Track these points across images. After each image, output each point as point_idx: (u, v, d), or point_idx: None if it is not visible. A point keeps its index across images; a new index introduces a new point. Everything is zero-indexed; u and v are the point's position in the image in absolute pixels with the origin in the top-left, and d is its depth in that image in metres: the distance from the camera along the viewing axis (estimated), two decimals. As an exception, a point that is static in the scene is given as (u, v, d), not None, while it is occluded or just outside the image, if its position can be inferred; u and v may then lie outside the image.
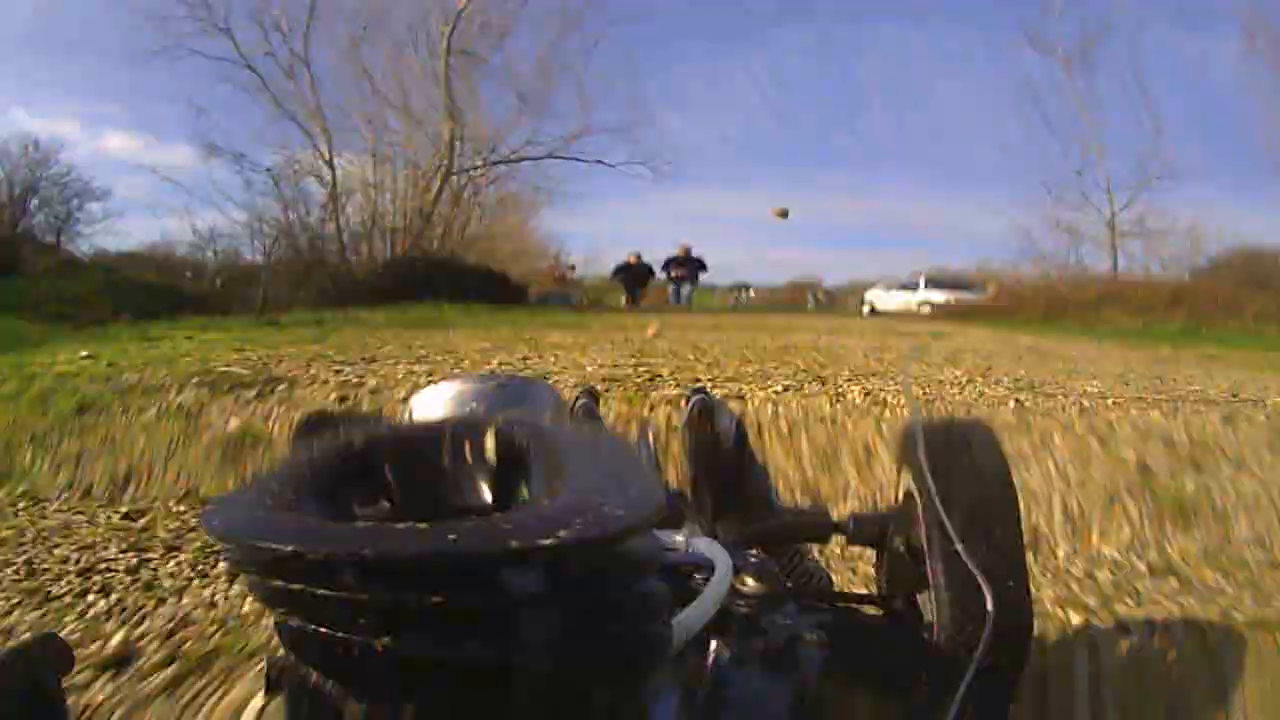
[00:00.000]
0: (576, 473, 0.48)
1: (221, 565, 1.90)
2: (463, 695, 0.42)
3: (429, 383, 1.21)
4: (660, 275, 16.32)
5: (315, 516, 0.47)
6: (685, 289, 16.10)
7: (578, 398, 1.26)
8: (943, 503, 0.74)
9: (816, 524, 0.96)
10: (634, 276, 16.20)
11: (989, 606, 0.67)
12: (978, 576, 0.69)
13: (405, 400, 0.95)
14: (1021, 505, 0.80)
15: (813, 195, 50.80)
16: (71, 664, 0.58)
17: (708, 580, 0.62)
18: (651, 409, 2.88)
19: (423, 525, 0.42)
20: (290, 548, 0.40)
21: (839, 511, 0.97)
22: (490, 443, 0.54)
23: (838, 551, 1.84)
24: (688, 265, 15.99)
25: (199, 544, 2.10)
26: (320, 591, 0.41)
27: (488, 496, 0.53)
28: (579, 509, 0.43)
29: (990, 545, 0.73)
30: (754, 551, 0.82)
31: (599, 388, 2.75)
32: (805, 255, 58.52)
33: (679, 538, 0.72)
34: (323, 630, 0.42)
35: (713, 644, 0.63)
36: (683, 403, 1.12)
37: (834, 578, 1.13)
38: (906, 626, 0.80)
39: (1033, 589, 0.86)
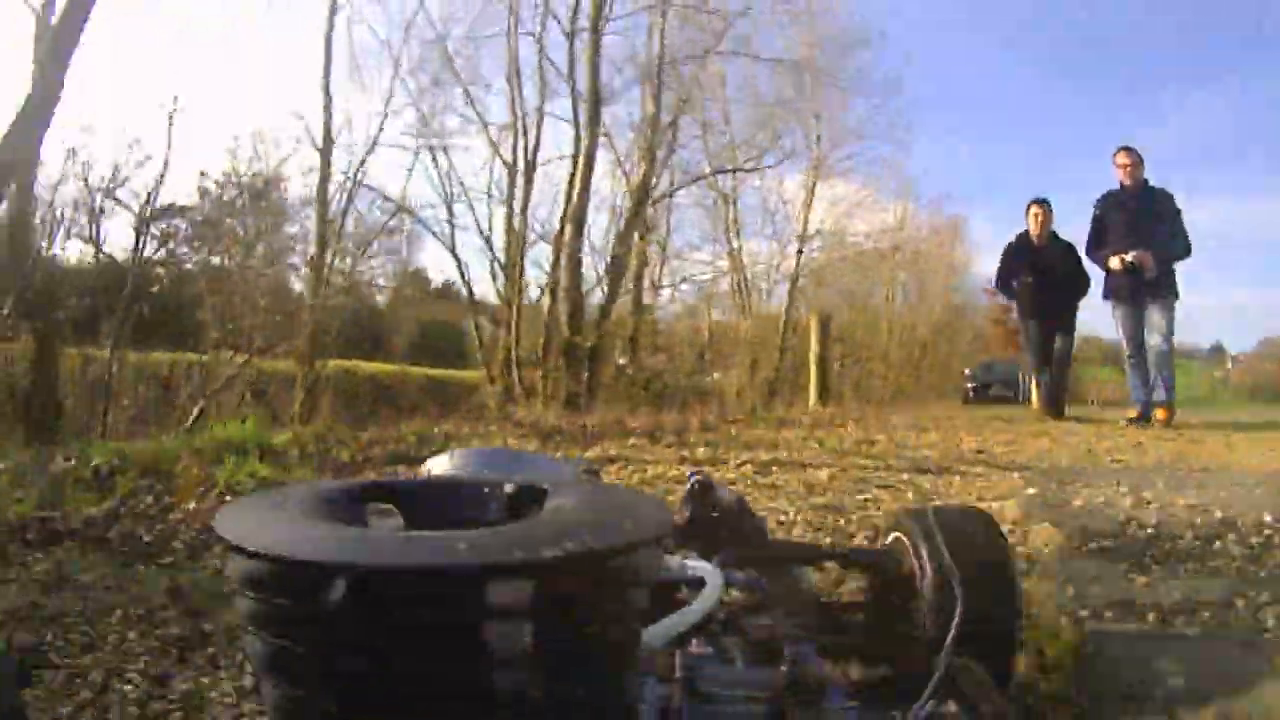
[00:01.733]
0: (587, 497, 0.53)
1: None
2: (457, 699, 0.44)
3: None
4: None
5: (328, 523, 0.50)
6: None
7: (582, 470, 1.34)
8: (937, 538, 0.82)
9: (809, 552, 1.04)
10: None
11: (958, 605, 0.73)
12: (952, 580, 0.76)
13: (422, 464, 1.01)
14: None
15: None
16: (29, 682, 0.62)
17: (699, 593, 0.69)
18: None
19: (433, 533, 0.46)
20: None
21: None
22: (509, 487, 0.58)
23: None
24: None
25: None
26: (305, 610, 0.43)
27: (499, 515, 0.57)
28: (590, 522, 0.46)
29: (975, 566, 0.80)
30: (744, 571, 0.89)
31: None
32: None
33: (675, 560, 0.79)
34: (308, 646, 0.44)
35: (693, 643, 0.69)
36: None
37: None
38: (890, 631, 0.85)
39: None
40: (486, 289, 15.72)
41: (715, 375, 16.41)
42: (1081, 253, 6.22)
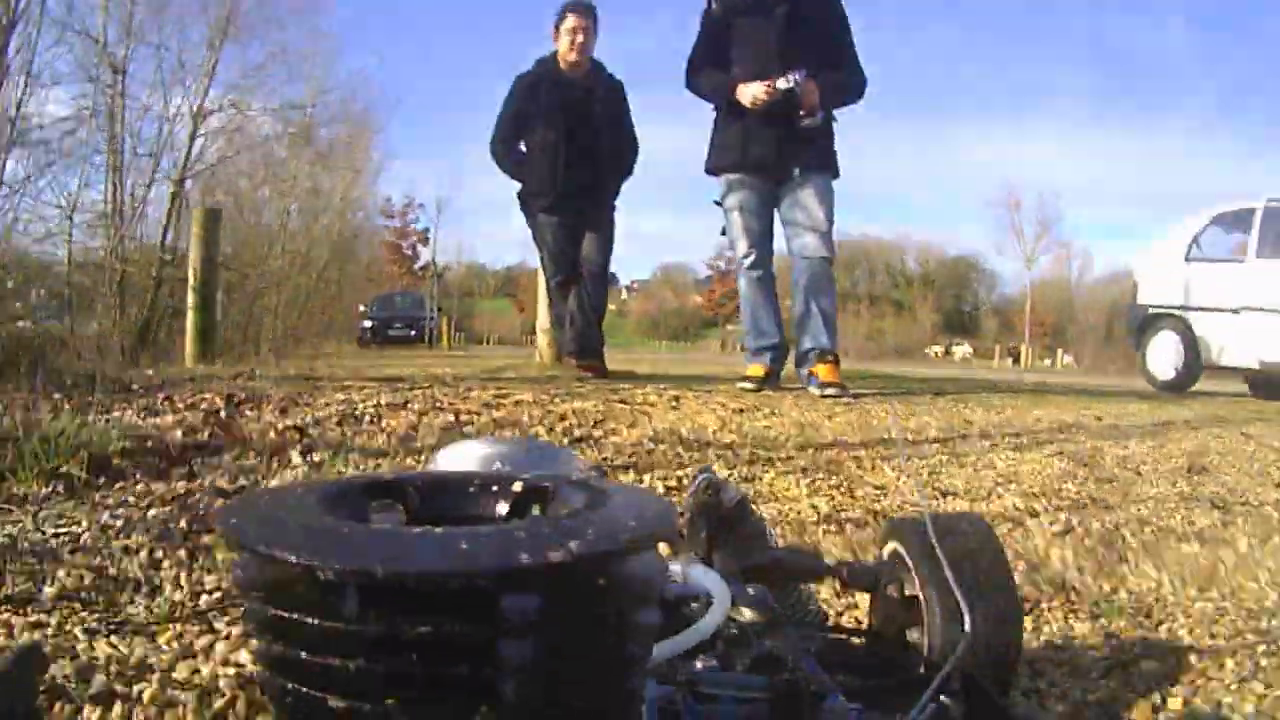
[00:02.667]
0: (596, 494, 0.52)
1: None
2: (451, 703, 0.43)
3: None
4: None
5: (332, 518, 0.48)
6: None
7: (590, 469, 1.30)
8: (938, 550, 0.81)
9: (811, 566, 1.01)
10: None
11: (966, 622, 0.73)
12: (957, 595, 0.76)
13: (431, 454, 0.95)
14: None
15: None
16: (47, 670, 0.60)
17: (705, 608, 0.67)
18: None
19: (436, 529, 0.44)
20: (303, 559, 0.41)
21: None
22: (517, 484, 0.56)
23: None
24: None
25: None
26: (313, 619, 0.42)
27: (504, 512, 0.56)
28: (595, 519, 0.46)
29: (977, 581, 0.81)
30: (752, 586, 0.87)
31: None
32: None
33: (676, 566, 0.76)
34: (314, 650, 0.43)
35: (699, 658, 0.68)
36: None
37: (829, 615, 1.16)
38: (892, 651, 0.85)
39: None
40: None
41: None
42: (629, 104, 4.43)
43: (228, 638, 1.12)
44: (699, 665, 0.68)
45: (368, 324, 20.66)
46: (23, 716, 0.56)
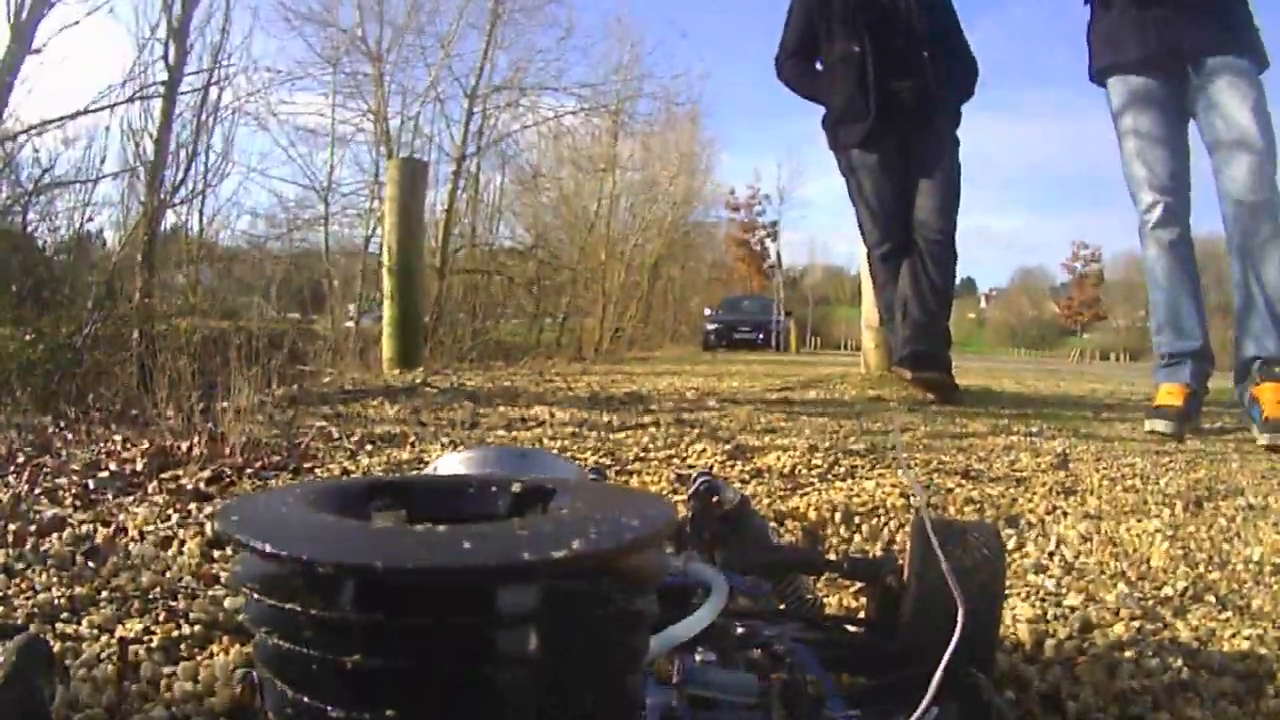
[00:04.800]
0: (592, 495, 0.53)
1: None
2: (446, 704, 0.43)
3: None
4: None
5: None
6: None
7: (589, 472, 1.35)
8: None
9: (811, 559, 1.01)
10: None
11: (960, 611, 0.69)
12: (950, 582, 0.72)
13: (430, 463, 1.00)
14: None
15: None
16: (53, 664, 0.60)
17: (704, 599, 0.66)
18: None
19: (438, 528, 0.44)
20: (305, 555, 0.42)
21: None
22: (517, 485, 0.57)
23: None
24: None
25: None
26: (314, 611, 0.42)
27: (504, 510, 0.57)
28: (596, 518, 0.46)
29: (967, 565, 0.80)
30: (751, 578, 0.89)
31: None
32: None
33: (677, 562, 0.77)
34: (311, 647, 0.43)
35: (697, 651, 0.68)
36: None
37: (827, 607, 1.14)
38: (891, 645, 0.84)
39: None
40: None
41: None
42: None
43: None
44: (697, 659, 0.69)
45: (711, 327, 19.73)
46: (32, 717, 0.56)
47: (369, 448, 2.05)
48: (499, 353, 8.54)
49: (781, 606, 0.96)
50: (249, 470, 1.74)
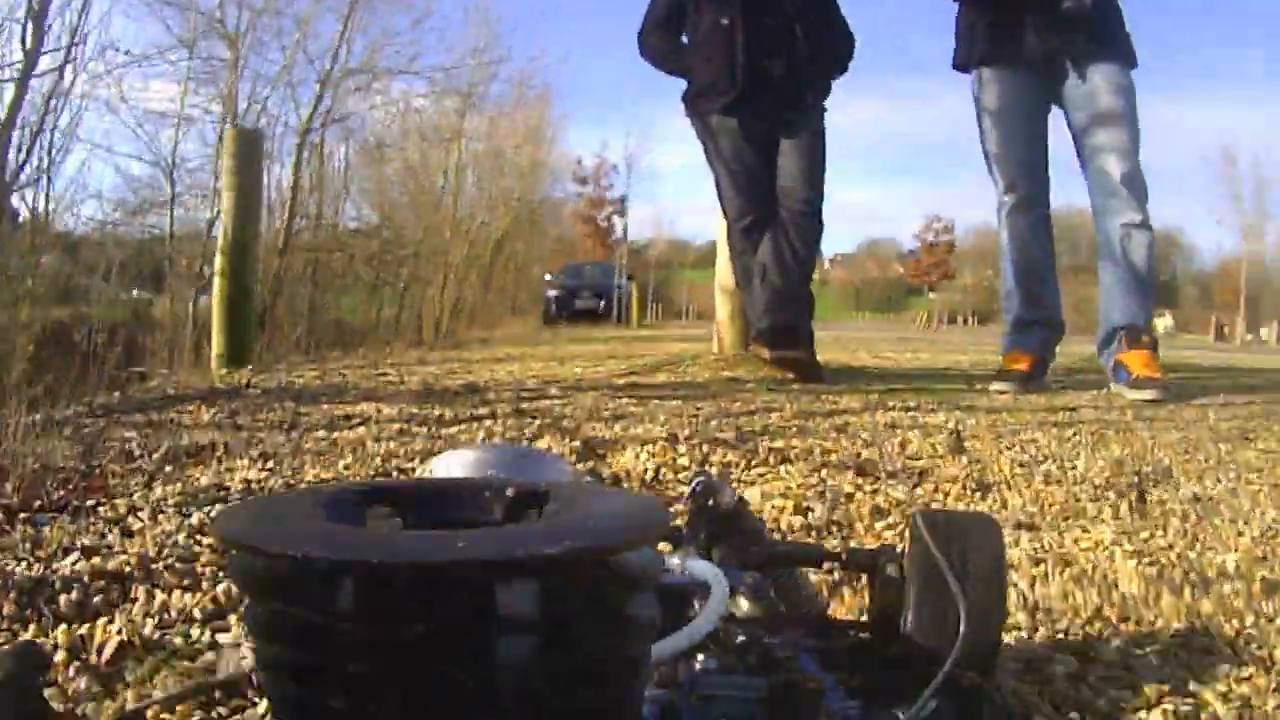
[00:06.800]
0: (585, 496, 0.54)
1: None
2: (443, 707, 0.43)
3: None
4: None
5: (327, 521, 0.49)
6: None
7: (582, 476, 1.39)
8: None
9: (810, 552, 1.01)
10: None
11: (961, 614, 0.72)
12: (951, 584, 0.75)
13: (425, 463, 0.98)
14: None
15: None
16: (48, 670, 0.61)
17: (704, 601, 0.69)
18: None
19: (434, 531, 0.46)
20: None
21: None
22: (510, 489, 0.57)
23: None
24: None
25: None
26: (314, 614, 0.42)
27: (498, 516, 0.56)
28: (589, 518, 0.48)
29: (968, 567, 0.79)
30: (750, 575, 0.88)
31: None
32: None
33: (675, 560, 0.78)
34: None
35: (700, 657, 0.68)
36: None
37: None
38: (889, 641, 0.85)
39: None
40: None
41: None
42: None
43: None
44: (697, 663, 0.69)
45: (553, 294, 18.93)
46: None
47: (168, 469, 1.67)
48: (338, 338, 8.24)
49: (782, 609, 0.94)
50: (24, 514, 1.33)
